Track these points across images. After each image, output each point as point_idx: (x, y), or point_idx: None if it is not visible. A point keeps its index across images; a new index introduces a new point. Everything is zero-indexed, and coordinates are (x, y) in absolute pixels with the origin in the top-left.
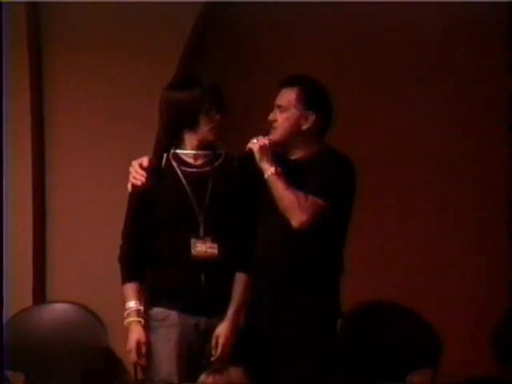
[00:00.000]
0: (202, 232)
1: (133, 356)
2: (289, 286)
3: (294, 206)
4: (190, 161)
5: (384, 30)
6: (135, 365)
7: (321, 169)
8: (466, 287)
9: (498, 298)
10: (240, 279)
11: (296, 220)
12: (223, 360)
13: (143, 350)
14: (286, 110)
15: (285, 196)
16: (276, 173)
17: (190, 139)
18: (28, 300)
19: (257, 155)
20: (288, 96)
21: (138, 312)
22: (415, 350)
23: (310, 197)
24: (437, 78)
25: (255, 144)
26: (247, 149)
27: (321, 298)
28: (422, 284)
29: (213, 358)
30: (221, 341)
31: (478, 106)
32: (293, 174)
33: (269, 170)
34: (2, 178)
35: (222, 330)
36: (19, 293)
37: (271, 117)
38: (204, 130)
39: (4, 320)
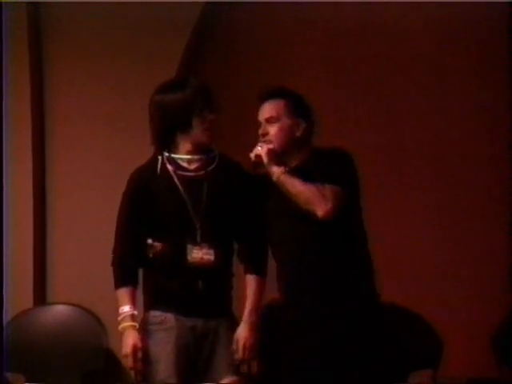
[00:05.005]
0: (199, 238)
1: (129, 361)
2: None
3: (316, 196)
4: (185, 165)
5: (383, 31)
6: (132, 370)
7: (324, 163)
8: (466, 288)
9: (499, 299)
10: (252, 281)
11: (321, 209)
12: (248, 361)
13: (139, 354)
14: (277, 121)
15: (304, 189)
16: (286, 171)
17: (184, 142)
18: (28, 301)
19: (265, 159)
20: (276, 107)
21: (132, 316)
22: (415, 350)
23: (327, 185)
24: (437, 77)
25: (262, 149)
26: (255, 156)
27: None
28: (422, 285)
29: (237, 362)
30: (240, 343)
31: (478, 105)
32: None
33: (278, 170)
34: (3, 179)
35: (240, 332)
36: (20, 294)
37: (262, 131)
38: (197, 131)
39: (4, 321)
